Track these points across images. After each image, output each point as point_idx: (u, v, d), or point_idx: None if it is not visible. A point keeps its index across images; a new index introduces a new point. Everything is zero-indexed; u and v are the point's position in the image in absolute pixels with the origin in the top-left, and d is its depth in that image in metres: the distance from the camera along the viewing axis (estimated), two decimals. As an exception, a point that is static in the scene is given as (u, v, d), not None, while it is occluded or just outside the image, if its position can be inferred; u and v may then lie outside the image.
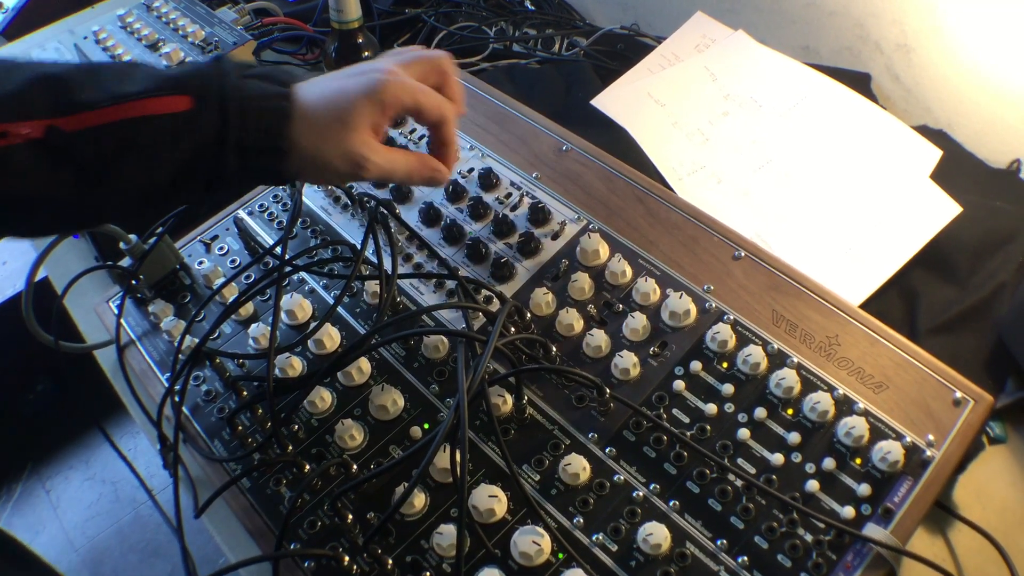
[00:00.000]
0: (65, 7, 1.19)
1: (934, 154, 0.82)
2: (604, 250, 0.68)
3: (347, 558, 0.53)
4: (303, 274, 0.73)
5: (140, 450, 1.88)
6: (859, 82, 0.93)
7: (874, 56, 0.95)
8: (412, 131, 0.82)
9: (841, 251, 0.76)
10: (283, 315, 0.69)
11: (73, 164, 0.48)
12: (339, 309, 0.69)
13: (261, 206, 0.80)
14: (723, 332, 0.61)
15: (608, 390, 0.58)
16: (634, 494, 0.56)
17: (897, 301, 0.75)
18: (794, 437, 0.56)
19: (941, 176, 0.80)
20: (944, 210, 0.77)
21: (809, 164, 0.82)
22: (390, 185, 0.77)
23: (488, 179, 0.75)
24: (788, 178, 0.81)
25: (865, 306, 0.72)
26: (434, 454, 0.47)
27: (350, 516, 0.55)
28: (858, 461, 0.55)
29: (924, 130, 0.86)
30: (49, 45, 1.09)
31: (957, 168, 0.83)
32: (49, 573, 0.74)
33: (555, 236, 0.71)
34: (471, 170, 0.77)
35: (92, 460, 1.92)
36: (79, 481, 1.88)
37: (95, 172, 0.48)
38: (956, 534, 0.64)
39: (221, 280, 0.72)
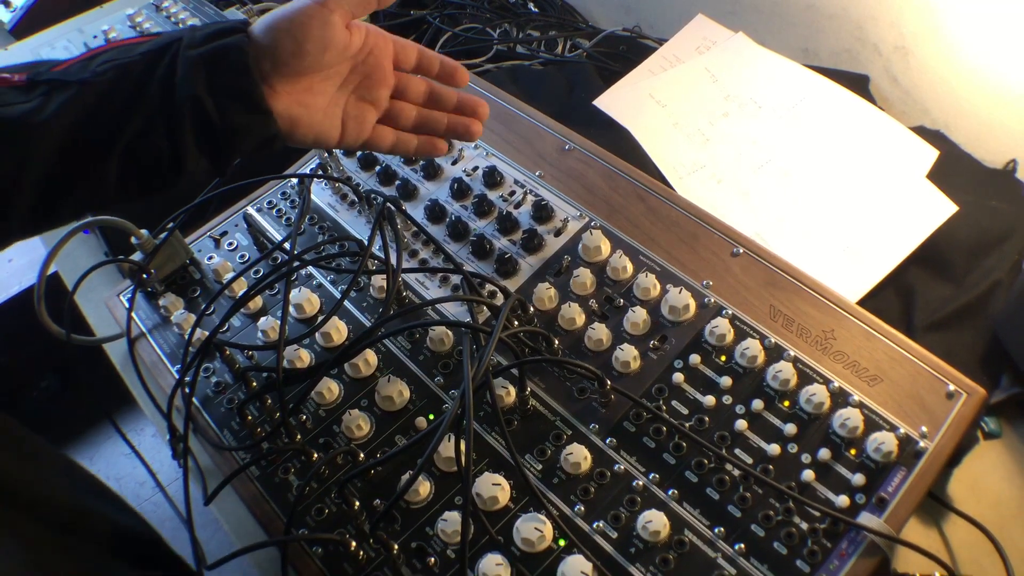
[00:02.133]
0: (74, 6, 1.20)
1: (931, 154, 0.83)
2: (606, 246, 0.69)
3: (354, 543, 0.55)
4: (311, 269, 0.74)
5: (144, 447, 1.88)
6: (858, 84, 0.94)
7: (873, 58, 0.97)
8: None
9: (839, 249, 0.77)
10: (292, 309, 0.70)
11: (39, 83, 0.51)
12: (346, 303, 0.71)
13: (270, 203, 0.81)
14: (721, 326, 0.62)
15: (609, 382, 0.59)
16: (634, 483, 0.57)
17: (894, 298, 0.76)
18: (790, 428, 0.58)
19: (938, 176, 0.81)
20: (940, 209, 0.78)
21: (808, 164, 0.83)
22: (396, 182, 0.79)
23: (492, 177, 0.77)
24: (787, 178, 0.83)
25: (862, 303, 0.73)
26: (440, 440, 0.48)
27: (357, 503, 0.57)
28: (853, 452, 0.56)
29: (922, 131, 0.87)
30: (58, 44, 1.10)
31: (954, 168, 0.85)
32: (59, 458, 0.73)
33: (558, 233, 0.72)
34: (476, 168, 0.78)
35: (96, 457, 1.93)
36: (83, 477, 1.89)
37: (55, 82, 0.51)
38: (951, 527, 0.66)
39: (231, 275, 0.74)
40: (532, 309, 0.66)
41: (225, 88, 0.52)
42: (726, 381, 0.60)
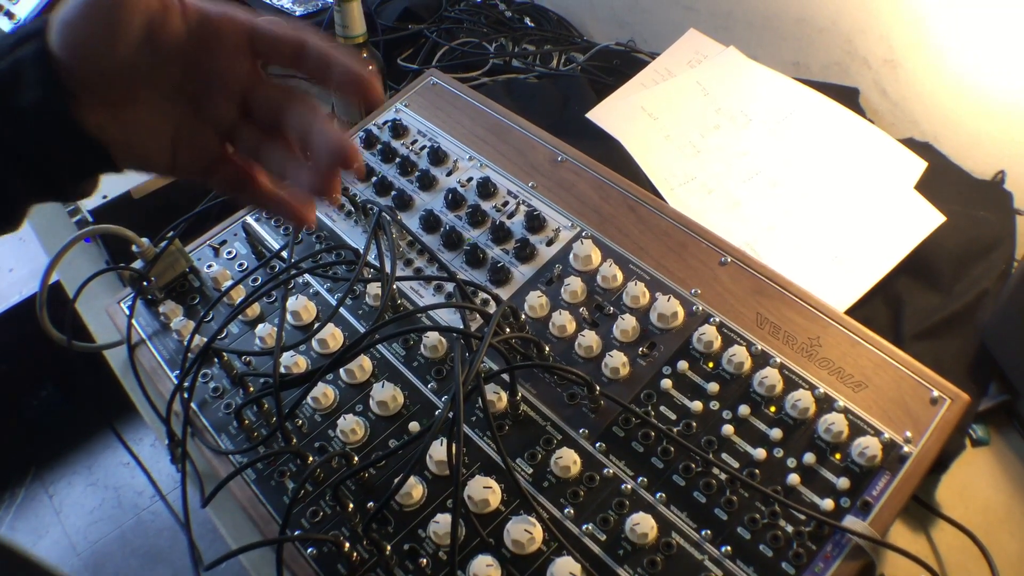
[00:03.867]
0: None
1: (919, 165, 0.85)
2: (596, 256, 0.71)
3: (347, 544, 0.55)
4: (308, 277, 0.75)
5: (143, 456, 1.90)
6: (848, 96, 0.95)
7: (862, 71, 0.98)
8: (414, 142, 0.85)
9: (828, 259, 0.78)
10: (288, 316, 0.71)
11: None
12: (342, 311, 0.72)
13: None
14: (709, 333, 0.63)
15: (598, 388, 0.60)
16: (622, 487, 0.58)
17: (882, 307, 0.77)
18: (776, 433, 0.59)
19: (926, 187, 0.82)
20: (928, 219, 0.79)
21: (797, 175, 0.85)
22: (392, 193, 0.80)
23: (486, 188, 0.78)
24: (777, 189, 0.84)
25: (851, 312, 0.74)
26: (431, 441, 0.49)
27: (351, 505, 0.58)
28: (837, 456, 0.57)
29: (910, 143, 0.88)
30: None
31: (942, 179, 0.86)
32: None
33: (550, 242, 0.73)
34: (470, 179, 0.80)
35: (95, 466, 1.94)
36: (82, 486, 1.90)
37: None
38: (939, 532, 0.66)
39: (229, 282, 0.75)
40: (524, 316, 0.67)
41: (25, 112, 0.40)
42: (713, 387, 0.61)
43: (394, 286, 0.69)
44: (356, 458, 0.61)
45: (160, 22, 0.40)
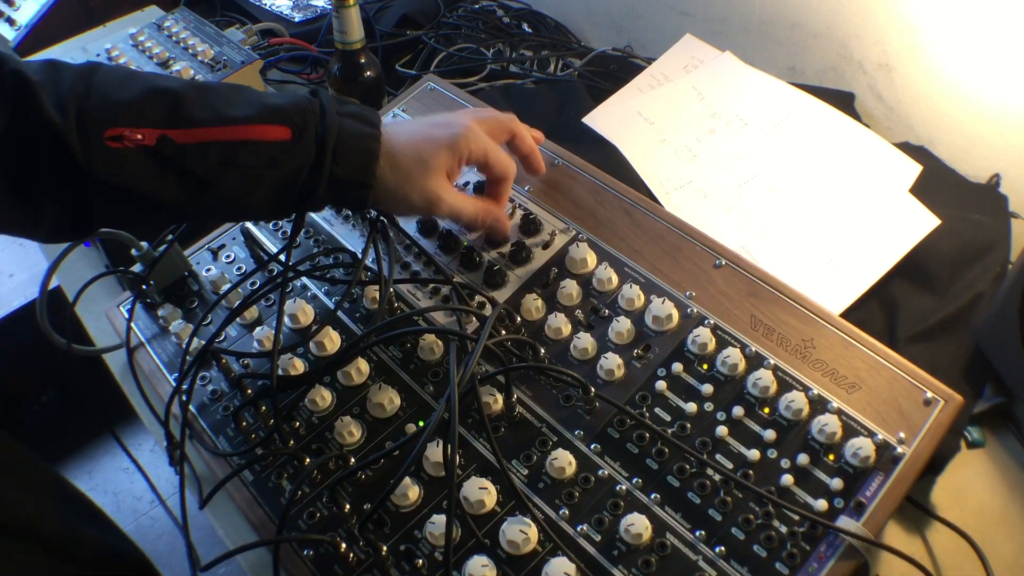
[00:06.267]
0: (78, 25, 1.23)
1: (914, 169, 0.85)
2: (592, 259, 0.71)
3: (344, 545, 0.56)
4: (306, 281, 0.76)
5: (143, 462, 1.90)
6: (843, 101, 0.96)
7: (857, 76, 0.99)
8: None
9: (823, 262, 0.79)
10: (286, 319, 0.72)
11: (179, 173, 0.54)
12: (340, 314, 0.72)
13: (266, 217, 0.83)
14: (703, 335, 0.63)
15: (593, 389, 0.61)
16: (617, 488, 0.58)
17: (877, 310, 0.77)
18: (770, 434, 0.59)
19: (921, 190, 0.83)
20: (923, 222, 0.80)
21: (793, 179, 0.85)
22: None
23: (483, 192, 0.78)
24: (772, 193, 0.85)
25: (846, 315, 0.74)
26: (426, 442, 0.50)
27: (347, 506, 0.58)
28: (831, 457, 0.58)
29: (906, 146, 0.89)
30: (64, 64, 1.13)
31: (937, 183, 0.86)
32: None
33: (545, 245, 0.74)
34: (467, 184, 0.80)
35: (95, 471, 1.94)
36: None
37: (198, 182, 0.55)
38: (934, 534, 0.67)
39: (228, 286, 0.76)
40: (519, 319, 0.68)
41: (343, 185, 0.60)
42: (708, 389, 0.62)
43: (391, 289, 0.70)
44: (352, 460, 0.61)
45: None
